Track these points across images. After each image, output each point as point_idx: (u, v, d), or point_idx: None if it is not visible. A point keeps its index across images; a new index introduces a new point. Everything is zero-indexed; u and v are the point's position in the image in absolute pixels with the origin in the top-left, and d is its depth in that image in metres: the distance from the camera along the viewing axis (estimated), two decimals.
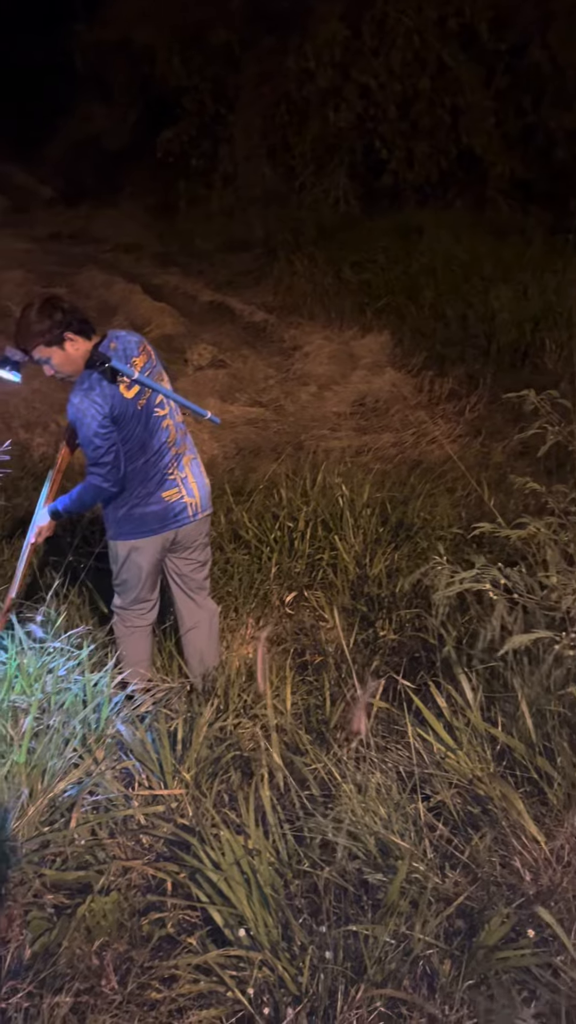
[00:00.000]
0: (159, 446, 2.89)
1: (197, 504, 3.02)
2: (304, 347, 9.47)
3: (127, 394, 2.76)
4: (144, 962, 2.05)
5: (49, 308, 2.68)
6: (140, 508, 2.94)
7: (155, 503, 2.93)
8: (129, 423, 2.79)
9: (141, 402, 2.81)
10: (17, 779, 2.51)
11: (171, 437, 2.92)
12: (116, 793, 2.61)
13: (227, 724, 2.94)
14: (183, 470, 2.98)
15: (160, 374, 2.92)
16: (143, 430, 2.84)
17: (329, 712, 3.00)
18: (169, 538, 3.04)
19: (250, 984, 1.87)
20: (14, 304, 10.59)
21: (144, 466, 2.88)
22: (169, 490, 2.94)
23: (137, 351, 2.83)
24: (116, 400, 2.73)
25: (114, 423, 2.75)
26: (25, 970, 2.02)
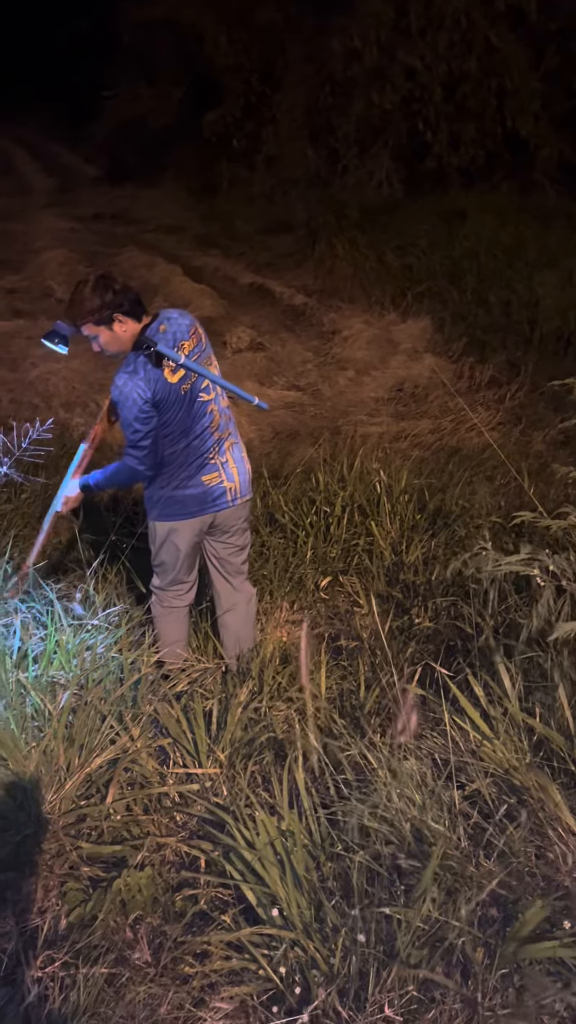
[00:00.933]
0: (202, 431, 2.88)
1: (236, 489, 3.02)
2: (343, 331, 9.41)
3: (171, 378, 2.75)
4: (177, 937, 2.07)
5: (102, 287, 2.67)
6: (180, 491, 2.95)
7: (194, 486, 2.94)
8: (171, 408, 2.78)
9: (185, 386, 2.79)
10: (55, 753, 2.55)
11: (215, 422, 2.91)
12: (151, 770, 2.64)
13: (262, 706, 2.96)
14: (224, 455, 2.97)
15: (209, 358, 2.90)
16: (186, 415, 2.82)
17: (363, 697, 3.00)
18: (207, 521, 3.04)
19: (281, 963, 1.89)
20: (56, 283, 10.68)
21: (185, 450, 2.88)
22: (209, 474, 2.94)
23: (188, 334, 2.80)
24: (159, 385, 2.72)
25: (155, 408, 2.75)
26: (61, 940, 2.06)
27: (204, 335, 2.89)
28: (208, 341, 2.92)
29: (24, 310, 10.04)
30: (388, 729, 2.58)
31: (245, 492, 3.06)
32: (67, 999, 1.86)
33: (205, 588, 3.47)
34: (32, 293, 10.60)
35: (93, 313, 2.67)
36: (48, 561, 4.06)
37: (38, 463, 5.69)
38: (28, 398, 7.63)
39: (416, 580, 4.00)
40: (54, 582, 3.85)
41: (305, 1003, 1.81)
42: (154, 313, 2.83)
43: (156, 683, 3.03)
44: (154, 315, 2.82)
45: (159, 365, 2.71)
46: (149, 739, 2.76)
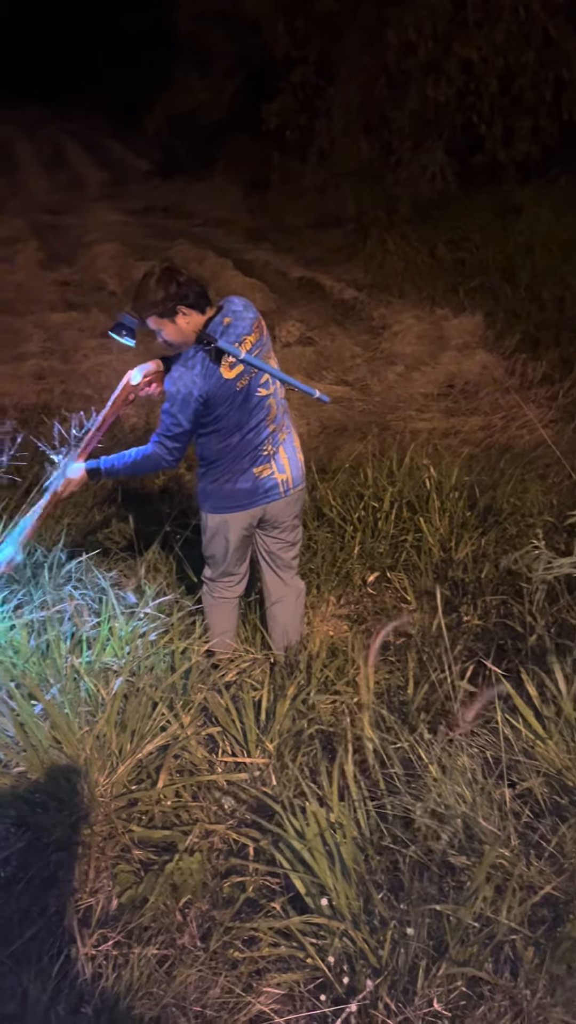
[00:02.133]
0: (257, 424, 2.87)
1: (289, 480, 3.01)
2: (393, 326, 9.35)
3: (228, 374, 2.74)
4: (226, 922, 2.10)
5: (166, 280, 2.66)
6: (231, 484, 2.95)
7: (246, 480, 2.94)
8: (223, 404, 2.77)
9: (243, 382, 2.78)
10: (108, 738, 2.59)
11: (271, 415, 2.90)
12: (200, 758, 2.67)
13: (309, 698, 2.97)
14: (277, 446, 2.97)
15: (269, 352, 2.89)
16: (240, 410, 2.82)
17: (411, 693, 3.00)
18: (257, 514, 3.04)
19: (330, 952, 1.90)
20: (108, 276, 10.80)
21: (239, 444, 2.88)
22: (261, 466, 2.94)
23: (251, 328, 2.79)
24: (214, 381, 2.71)
25: (205, 405, 2.75)
26: (113, 920, 2.10)
27: (265, 328, 2.89)
28: (268, 334, 2.92)
29: (76, 302, 10.17)
30: (438, 725, 2.57)
31: (298, 483, 3.05)
32: (120, 977, 1.90)
33: (256, 580, 3.50)
34: (84, 286, 10.73)
35: (157, 305, 2.67)
36: (102, 549, 4.13)
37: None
38: (80, 389, 7.74)
39: (465, 578, 3.98)
40: (107, 570, 3.91)
41: (352, 993, 1.83)
42: (219, 304, 2.82)
43: (206, 672, 3.06)
44: (218, 307, 2.80)
45: (218, 361, 2.70)
46: (198, 727, 2.80)
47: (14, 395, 7.35)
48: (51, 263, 11.52)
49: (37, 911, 2.19)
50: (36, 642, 3.06)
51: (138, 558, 4.15)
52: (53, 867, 2.31)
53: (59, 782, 2.46)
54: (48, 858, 2.34)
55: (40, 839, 2.39)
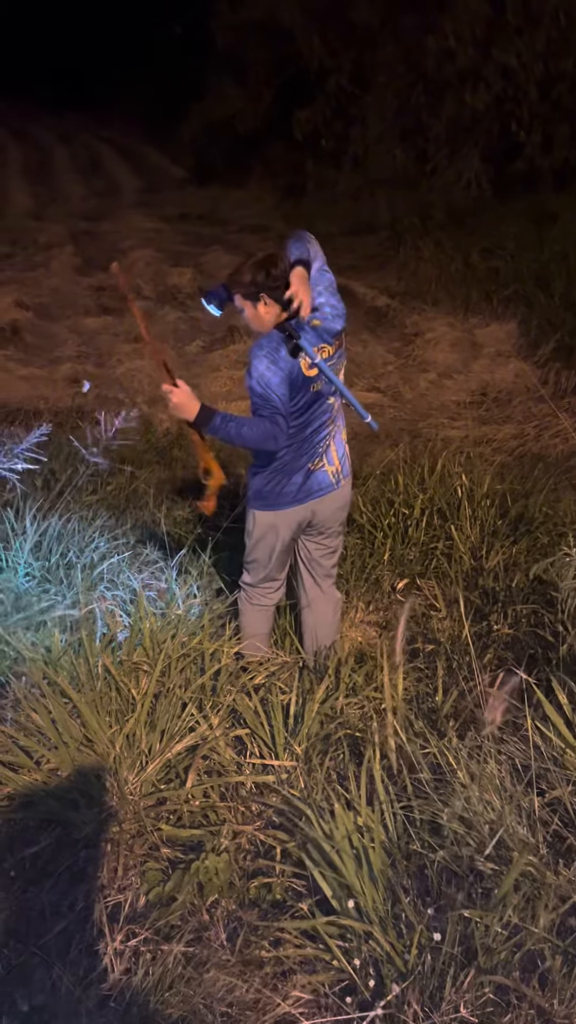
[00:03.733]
0: (319, 425, 2.88)
1: (339, 471, 3.00)
2: (426, 333, 9.34)
3: (307, 372, 2.73)
4: (252, 923, 2.11)
5: (259, 265, 2.66)
6: (287, 479, 2.93)
7: (301, 475, 2.92)
8: (299, 397, 2.77)
9: (317, 386, 2.78)
10: (138, 737, 2.62)
11: (331, 417, 2.92)
12: (228, 759, 2.69)
13: (338, 703, 2.98)
14: (330, 440, 2.95)
15: (342, 365, 2.90)
16: (309, 411, 2.82)
17: (440, 700, 2.99)
18: (307, 514, 3.01)
19: (356, 955, 1.91)
20: (143, 282, 10.91)
21: (302, 443, 2.88)
22: (315, 460, 2.93)
23: (333, 339, 2.78)
24: (295, 370, 2.71)
25: (289, 388, 2.71)
26: (141, 917, 2.12)
27: (345, 342, 2.88)
28: (344, 348, 2.90)
29: (112, 307, 10.29)
30: (467, 732, 2.57)
31: (346, 473, 3.04)
32: (148, 974, 1.91)
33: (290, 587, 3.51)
34: (119, 291, 10.85)
35: (244, 286, 2.67)
36: (133, 552, 4.16)
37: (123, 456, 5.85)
38: (113, 393, 7.82)
39: (496, 586, 3.96)
40: (137, 572, 3.95)
41: (379, 997, 1.83)
42: (316, 304, 2.76)
43: (235, 674, 3.08)
44: (314, 307, 2.75)
45: (295, 356, 2.70)
46: (227, 728, 2.82)
47: (49, 399, 7.45)
48: (87, 268, 11.66)
49: (66, 906, 2.21)
50: (68, 640, 3.10)
51: (169, 560, 4.19)
52: (82, 863, 2.34)
53: (89, 779, 2.49)
54: (77, 854, 2.37)
55: (70, 835, 2.42)
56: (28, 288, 10.37)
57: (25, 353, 8.59)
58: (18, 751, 2.58)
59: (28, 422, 6.84)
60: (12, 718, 2.71)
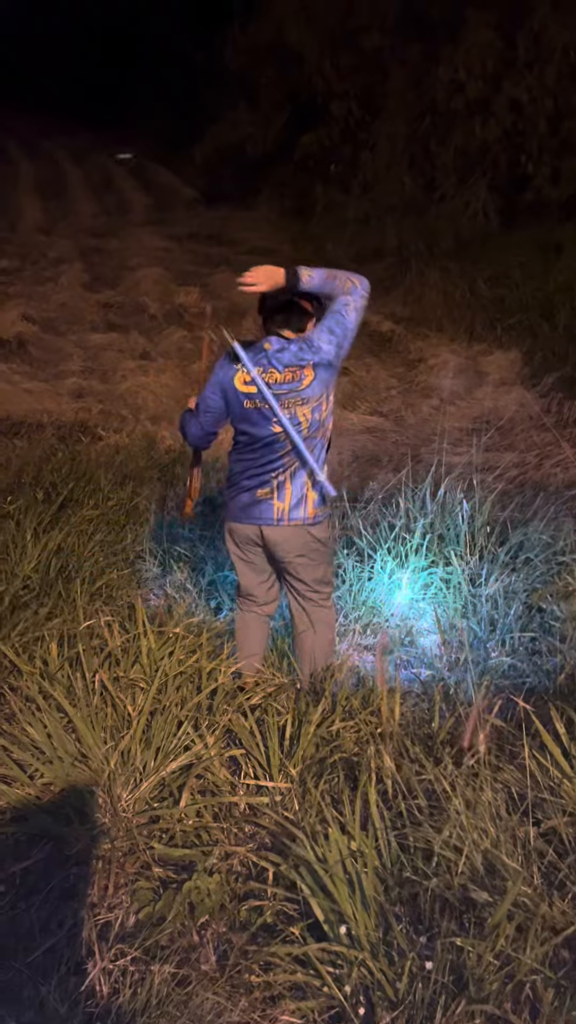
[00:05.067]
0: (269, 452, 2.90)
1: (285, 512, 2.97)
2: (430, 359, 9.40)
3: (240, 386, 2.83)
4: (242, 946, 2.09)
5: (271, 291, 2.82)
6: (235, 492, 3.03)
7: (248, 496, 2.98)
8: (234, 409, 2.89)
9: (253, 403, 2.83)
10: (133, 754, 2.61)
11: (285, 450, 2.90)
12: (223, 779, 2.68)
13: (334, 727, 2.97)
14: (285, 478, 2.94)
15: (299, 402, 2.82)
16: (251, 427, 2.88)
17: (436, 725, 2.99)
18: (252, 534, 3.04)
19: (347, 982, 1.89)
20: (150, 299, 10.99)
21: (250, 462, 2.95)
22: (264, 488, 2.96)
23: (282, 368, 2.79)
24: (227, 380, 2.86)
25: (222, 393, 2.89)
26: (130, 936, 2.11)
27: (309, 382, 2.80)
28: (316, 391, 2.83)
29: (118, 324, 10.36)
30: (463, 759, 2.56)
31: (294, 518, 2.97)
32: (136, 995, 1.90)
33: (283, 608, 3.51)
34: (126, 308, 10.93)
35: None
36: (132, 569, 4.17)
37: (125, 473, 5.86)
38: (117, 409, 7.85)
39: (494, 613, 3.96)
40: (136, 587, 3.95)
41: None
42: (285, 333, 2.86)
43: (231, 694, 3.07)
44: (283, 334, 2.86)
45: (234, 362, 2.84)
46: (222, 748, 2.81)
47: (53, 412, 7.48)
48: (95, 285, 11.76)
49: (56, 923, 2.19)
50: (66, 654, 3.10)
51: (168, 577, 4.19)
52: (73, 880, 2.32)
53: (83, 795, 2.47)
54: (68, 870, 2.35)
55: (61, 851, 2.40)
56: (36, 302, 10.44)
57: (30, 366, 8.64)
58: (12, 764, 2.57)
59: (31, 435, 6.86)
60: (7, 731, 2.69)
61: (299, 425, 2.83)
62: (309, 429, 2.85)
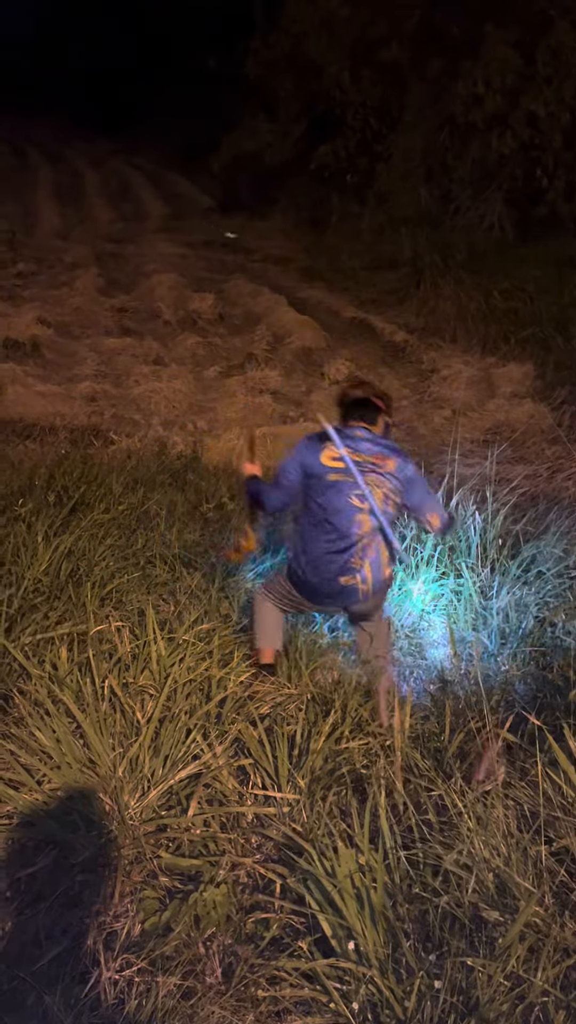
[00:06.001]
0: (350, 531, 3.06)
1: (369, 590, 3.16)
2: (442, 370, 9.39)
3: (327, 461, 3.06)
4: (249, 959, 2.07)
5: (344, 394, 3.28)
6: (313, 579, 3.15)
7: (329, 585, 3.13)
8: (318, 483, 3.08)
9: (337, 476, 3.05)
10: (141, 762, 2.59)
11: (363, 529, 3.08)
12: (231, 789, 2.66)
13: (343, 740, 2.94)
14: (364, 560, 3.12)
15: (382, 486, 3.07)
16: (332, 496, 3.06)
17: (446, 740, 2.96)
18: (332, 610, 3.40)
19: (354, 999, 1.86)
20: (165, 305, 11.01)
21: (331, 544, 3.09)
22: (347, 576, 3.11)
23: (372, 454, 3.07)
24: (311, 457, 3.09)
25: (301, 471, 3.12)
26: (135, 946, 2.09)
27: (394, 472, 3.09)
28: (399, 479, 3.11)
29: (132, 329, 10.38)
30: (472, 774, 2.53)
31: (377, 590, 3.19)
32: (142, 1006, 1.88)
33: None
34: (141, 314, 10.95)
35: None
36: (142, 573, 4.16)
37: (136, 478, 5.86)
38: (129, 414, 7.86)
39: (506, 627, 3.93)
40: (146, 593, 3.94)
41: None
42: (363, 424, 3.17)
43: (241, 703, 3.05)
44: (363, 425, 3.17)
45: (321, 441, 3.09)
46: (231, 758, 2.79)
47: (66, 416, 7.49)
48: (110, 290, 11.79)
49: (60, 931, 2.18)
50: (75, 659, 3.08)
51: (178, 583, 4.17)
52: (79, 887, 2.30)
53: (90, 802, 2.46)
54: (74, 878, 2.33)
55: (67, 858, 2.39)
56: (51, 306, 10.48)
57: (44, 369, 8.66)
58: (20, 769, 2.55)
59: (44, 438, 6.87)
60: (15, 735, 2.68)
61: (377, 502, 3.05)
62: (383, 503, 3.07)
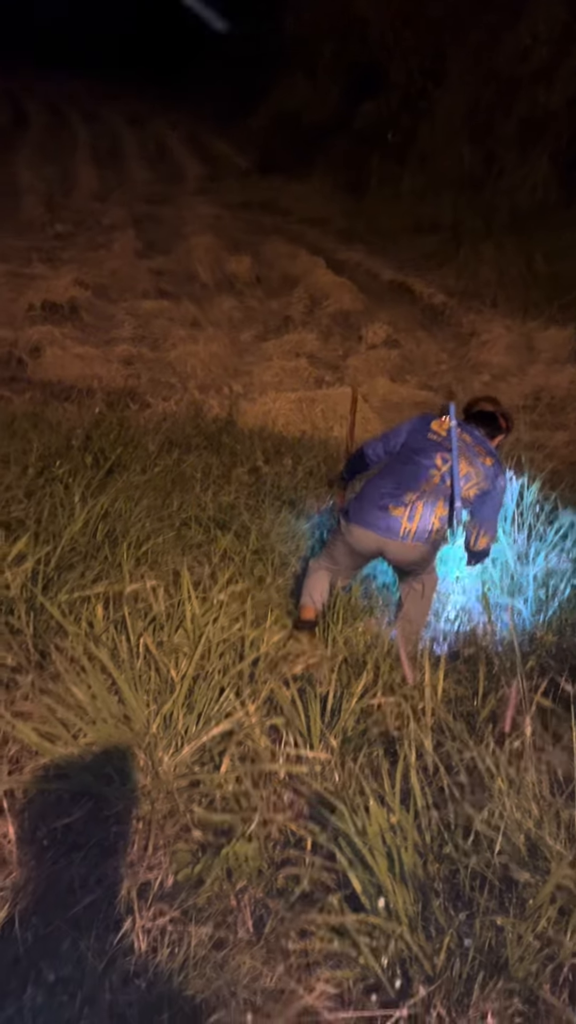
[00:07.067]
0: (415, 474, 3.36)
1: (411, 532, 3.34)
2: (482, 335, 9.24)
3: (435, 426, 3.44)
4: (279, 912, 2.10)
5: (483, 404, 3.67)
6: (367, 502, 3.39)
7: (381, 509, 3.35)
8: (414, 440, 3.43)
9: (435, 437, 3.40)
10: (175, 719, 2.62)
11: (431, 483, 3.36)
12: (263, 747, 2.67)
13: (376, 700, 2.95)
14: (419, 503, 3.34)
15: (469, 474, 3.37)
16: (419, 452, 3.39)
17: (479, 703, 2.95)
18: (371, 542, 3.40)
19: (383, 954, 1.88)
20: (202, 267, 10.95)
21: (398, 478, 3.38)
22: (397, 507, 3.34)
23: (472, 456, 3.40)
24: (421, 423, 3.49)
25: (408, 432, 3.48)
26: (168, 897, 2.12)
27: (489, 469, 3.43)
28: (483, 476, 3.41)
29: (169, 291, 10.34)
30: (505, 737, 2.52)
31: (418, 538, 3.36)
32: (174, 954, 1.91)
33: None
34: (178, 276, 10.91)
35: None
36: (177, 534, 4.18)
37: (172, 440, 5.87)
38: (166, 377, 7.86)
39: (542, 593, 3.89)
40: (181, 554, 3.96)
41: (404, 997, 1.80)
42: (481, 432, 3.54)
43: (274, 663, 3.06)
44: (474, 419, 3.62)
45: (439, 416, 3.49)
46: (263, 716, 2.80)
47: (103, 378, 7.52)
48: (147, 252, 11.75)
49: (94, 880, 2.22)
50: (111, 616, 3.11)
51: (212, 545, 4.19)
52: (113, 838, 2.34)
53: (124, 756, 2.49)
54: (108, 829, 2.37)
55: (102, 810, 2.43)
56: (89, 268, 10.47)
57: (82, 332, 8.68)
58: (56, 723, 2.59)
59: (81, 400, 6.91)
60: (52, 690, 2.72)
61: (460, 475, 3.34)
62: (465, 479, 3.35)
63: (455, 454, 3.33)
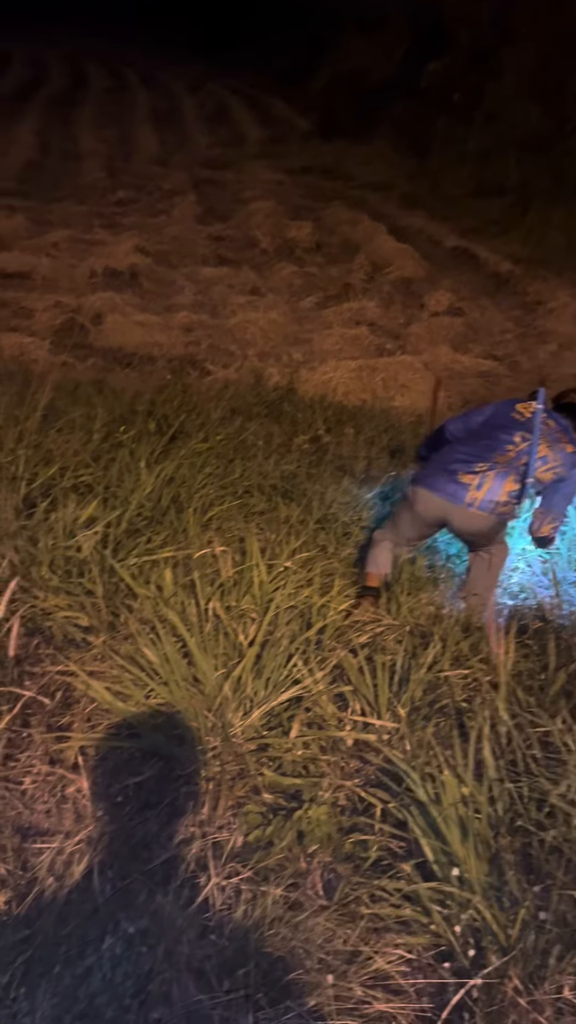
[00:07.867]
0: (492, 447, 3.36)
1: (477, 500, 3.31)
2: (548, 303, 9.02)
3: (520, 407, 3.47)
4: (350, 877, 2.11)
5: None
6: (439, 467, 3.41)
7: (451, 473, 3.35)
8: (497, 418, 3.47)
9: (518, 416, 3.42)
10: (244, 683, 2.64)
11: (507, 456, 3.35)
12: (330, 714, 2.68)
13: (443, 671, 2.93)
14: (492, 472, 3.32)
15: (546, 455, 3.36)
16: (499, 428, 3.41)
17: (550, 677, 2.91)
18: (437, 507, 3.37)
19: (456, 923, 1.88)
20: (262, 233, 10.86)
21: (472, 447, 3.40)
22: (468, 475, 3.33)
23: (559, 429, 3.44)
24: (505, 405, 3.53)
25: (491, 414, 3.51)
26: (240, 857, 2.15)
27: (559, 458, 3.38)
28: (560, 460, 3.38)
29: (228, 258, 10.29)
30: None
31: (483, 508, 3.32)
32: (249, 912, 1.94)
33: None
34: (238, 242, 10.84)
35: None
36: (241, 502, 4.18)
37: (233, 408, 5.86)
38: (225, 344, 7.84)
39: None
40: (245, 521, 3.96)
41: (477, 967, 1.80)
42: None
43: (342, 631, 3.06)
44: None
45: (527, 400, 3.52)
46: (330, 684, 2.81)
47: (164, 345, 7.54)
48: (207, 218, 11.69)
49: (167, 837, 2.26)
50: (180, 582, 3.14)
51: (275, 512, 4.19)
52: (184, 798, 2.38)
53: (195, 718, 2.52)
54: (179, 789, 2.41)
55: (172, 770, 2.46)
56: (149, 234, 10.47)
57: (142, 299, 8.70)
58: (128, 683, 2.64)
59: (142, 367, 6.94)
60: (125, 651, 2.76)
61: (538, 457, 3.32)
62: (542, 461, 3.34)
63: (536, 434, 3.32)
